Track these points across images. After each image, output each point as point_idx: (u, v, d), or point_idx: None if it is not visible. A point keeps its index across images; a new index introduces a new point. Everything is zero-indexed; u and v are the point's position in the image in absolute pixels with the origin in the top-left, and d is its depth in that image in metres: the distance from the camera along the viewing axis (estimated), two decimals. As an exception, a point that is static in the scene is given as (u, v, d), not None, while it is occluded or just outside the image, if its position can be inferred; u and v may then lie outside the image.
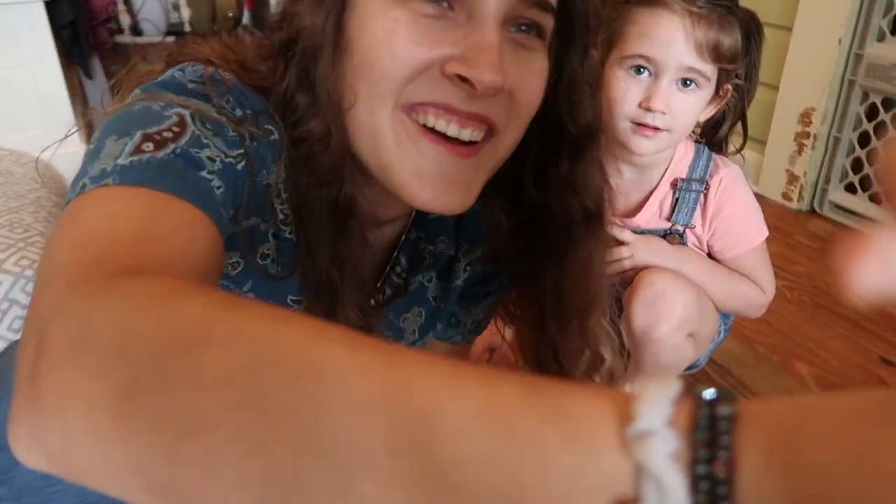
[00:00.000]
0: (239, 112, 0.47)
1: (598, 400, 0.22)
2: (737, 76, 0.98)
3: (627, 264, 1.02)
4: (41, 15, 1.76)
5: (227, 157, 0.44)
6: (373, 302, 0.62)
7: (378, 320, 0.60)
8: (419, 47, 0.45)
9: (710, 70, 0.91)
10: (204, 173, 0.42)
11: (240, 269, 0.52)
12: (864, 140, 1.74)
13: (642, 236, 1.03)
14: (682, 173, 1.02)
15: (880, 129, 1.69)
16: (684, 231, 1.03)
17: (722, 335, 1.15)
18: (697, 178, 1.01)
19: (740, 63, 0.95)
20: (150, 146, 0.41)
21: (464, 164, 0.47)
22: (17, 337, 0.93)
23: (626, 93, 0.93)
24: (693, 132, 1.07)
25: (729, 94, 0.98)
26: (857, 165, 1.76)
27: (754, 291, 1.05)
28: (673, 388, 0.22)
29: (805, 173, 1.83)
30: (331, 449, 0.22)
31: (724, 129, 1.04)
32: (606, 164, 1.03)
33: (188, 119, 0.44)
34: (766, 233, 1.03)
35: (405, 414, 0.22)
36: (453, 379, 0.23)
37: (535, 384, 0.23)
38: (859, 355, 1.31)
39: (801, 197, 1.86)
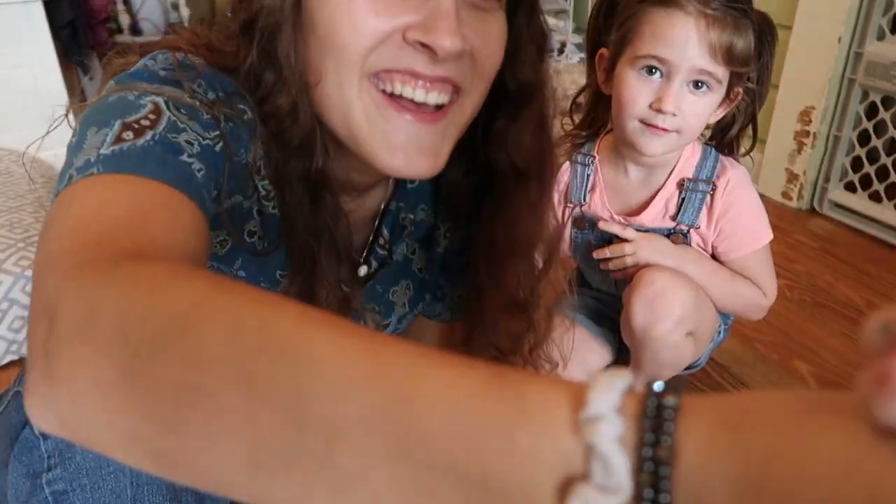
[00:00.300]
0: (211, 95, 0.49)
1: (554, 387, 0.25)
2: (748, 79, 0.98)
3: (630, 262, 1.02)
4: (40, 14, 1.76)
5: (204, 139, 0.46)
6: (362, 273, 0.64)
7: (359, 292, 0.61)
8: (379, 17, 0.46)
9: (722, 73, 0.91)
10: (184, 157, 0.43)
11: (227, 247, 0.53)
12: (863, 139, 1.74)
13: (646, 234, 1.03)
14: (689, 173, 1.02)
15: (880, 127, 1.69)
16: (688, 231, 1.03)
17: (722, 335, 1.15)
18: (704, 178, 1.01)
19: (753, 66, 0.95)
20: (129, 135, 0.42)
21: (432, 131, 0.49)
22: (18, 336, 0.93)
23: (637, 93, 0.93)
24: (702, 134, 1.07)
25: (739, 97, 0.98)
26: (856, 164, 1.76)
27: (755, 294, 1.04)
28: (624, 379, 0.24)
29: (805, 172, 1.83)
30: (312, 423, 0.25)
31: (734, 131, 1.03)
32: (614, 164, 1.04)
33: (163, 106, 0.45)
34: (770, 235, 1.03)
35: (380, 394, 0.25)
36: (425, 363, 0.26)
37: (499, 372, 0.25)
38: (859, 354, 1.31)
39: (800, 196, 1.86)
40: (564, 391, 0.24)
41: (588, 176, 1.07)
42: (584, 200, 1.07)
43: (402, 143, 0.48)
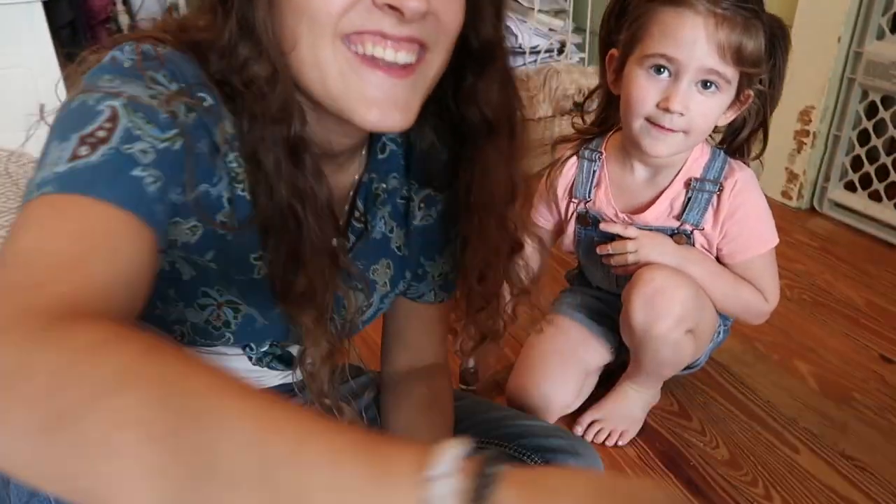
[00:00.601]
0: (174, 86, 0.51)
1: (407, 451, 0.32)
2: (760, 82, 0.97)
3: (631, 259, 1.02)
4: (40, 15, 1.76)
5: (161, 142, 0.48)
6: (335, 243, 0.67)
7: (347, 262, 0.64)
8: None
9: (731, 73, 0.91)
10: (136, 171, 0.46)
11: (199, 234, 0.56)
12: (863, 138, 1.74)
13: (649, 233, 1.03)
14: (697, 173, 1.01)
15: (880, 127, 1.69)
16: (692, 232, 1.02)
17: (721, 336, 1.15)
18: (712, 179, 1.01)
19: (763, 68, 0.95)
20: (84, 150, 0.45)
21: (402, 85, 0.52)
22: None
23: (645, 92, 0.93)
24: (712, 137, 1.06)
25: (750, 100, 0.98)
26: (856, 164, 1.76)
27: (757, 299, 1.04)
28: (464, 447, 0.31)
29: (805, 171, 1.83)
30: (214, 478, 0.31)
31: (745, 134, 1.03)
32: (621, 161, 1.04)
33: (120, 111, 0.47)
34: (776, 240, 1.03)
35: (268, 454, 0.31)
36: (307, 428, 0.32)
37: (368, 438, 0.32)
38: (859, 353, 1.31)
39: (800, 195, 1.86)
40: (417, 454, 0.31)
41: (594, 172, 1.07)
42: (589, 197, 1.07)
43: (376, 97, 0.51)
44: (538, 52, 2.31)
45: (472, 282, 0.71)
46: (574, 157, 1.09)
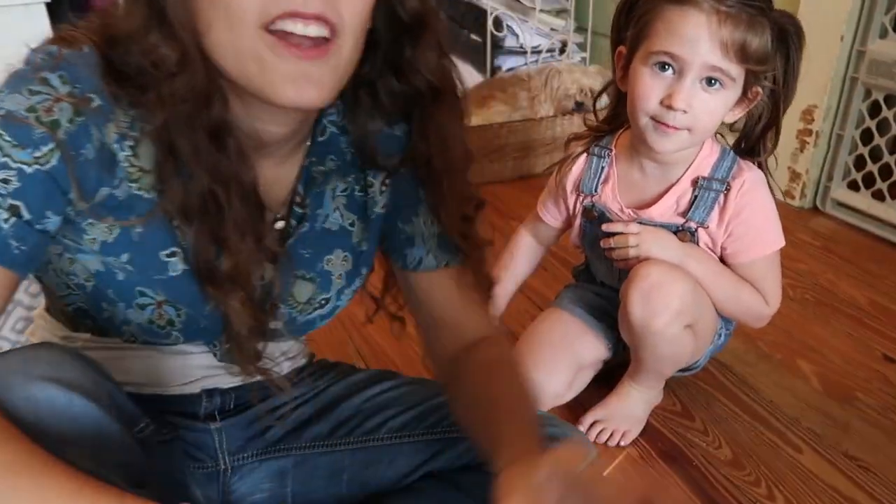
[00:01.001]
0: (66, 88, 0.53)
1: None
2: (774, 80, 0.97)
3: (633, 253, 1.02)
4: (42, 16, 1.77)
5: (30, 166, 0.52)
6: (279, 227, 0.68)
7: (275, 238, 0.65)
8: None
9: (735, 70, 0.91)
10: None
11: (116, 233, 0.59)
12: (866, 137, 1.73)
13: (651, 228, 1.03)
14: (705, 172, 1.01)
15: (883, 126, 1.69)
16: (696, 230, 1.02)
17: (722, 339, 1.14)
18: (720, 178, 1.01)
19: (771, 65, 0.94)
20: None
21: (316, 64, 0.54)
22: (21, 338, 0.93)
23: (648, 89, 0.93)
24: (723, 135, 1.06)
25: (759, 98, 0.97)
26: (859, 163, 1.76)
27: (757, 301, 1.04)
28: None
29: (807, 171, 1.83)
30: None
31: (756, 133, 1.02)
32: (629, 158, 1.04)
33: None
34: (782, 242, 1.02)
35: None
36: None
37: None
38: (862, 353, 1.31)
39: (803, 194, 1.86)
40: None
41: (603, 168, 1.07)
42: (596, 191, 1.08)
43: (290, 73, 0.53)
44: (539, 52, 2.31)
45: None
46: (584, 154, 1.10)
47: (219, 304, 0.61)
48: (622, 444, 1.10)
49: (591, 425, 1.12)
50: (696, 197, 1.01)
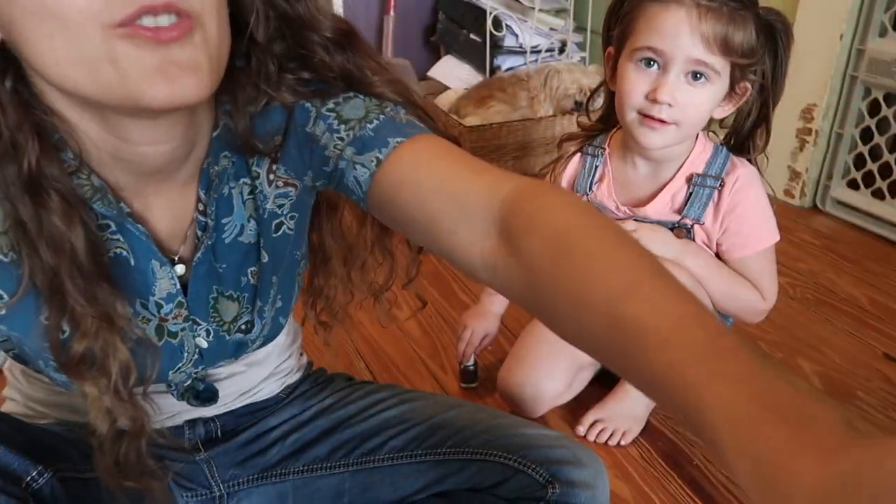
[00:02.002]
0: None
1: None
2: (763, 75, 0.97)
3: None
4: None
5: None
6: (180, 271, 0.61)
7: (123, 306, 0.55)
8: None
9: (719, 63, 0.91)
10: None
11: None
12: (866, 136, 1.73)
13: (647, 225, 1.03)
14: (699, 169, 1.02)
15: (883, 124, 1.69)
16: (692, 226, 1.02)
17: None
18: (713, 174, 1.01)
19: (758, 60, 0.95)
20: None
21: (181, 44, 0.45)
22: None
23: (634, 84, 0.94)
24: (715, 133, 1.06)
25: (748, 93, 0.98)
26: (859, 161, 1.76)
27: (754, 296, 1.04)
28: None
29: (807, 170, 1.82)
30: None
31: (747, 128, 1.03)
32: (623, 157, 1.04)
33: None
34: (777, 237, 1.03)
35: None
36: None
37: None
38: (863, 352, 1.31)
39: (803, 193, 1.85)
40: None
41: (597, 167, 1.08)
42: (591, 191, 1.08)
43: (156, 63, 0.45)
44: (539, 52, 2.31)
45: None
46: (578, 154, 1.10)
47: (78, 390, 0.55)
48: (622, 443, 1.10)
49: (592, 425, 1.12)
50: (690, 194, 1.02)
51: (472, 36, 2.36)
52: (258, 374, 0.76)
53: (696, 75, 0.92)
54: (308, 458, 0.78)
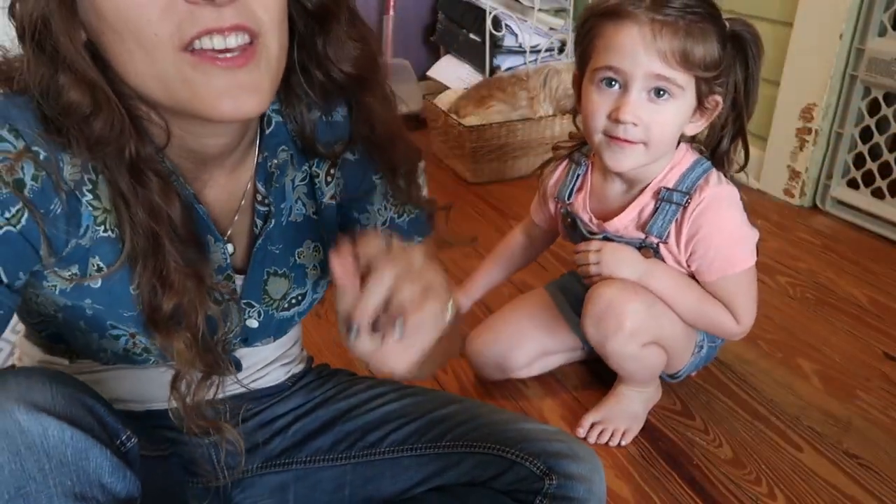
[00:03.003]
0: (20, 143, 0.51)
1: None
2: (735, 88, 0.95)
3: (593, 270, 1.02)
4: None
5: (2, 227, 0.51)
6: (230, 250, 0.67)
7: (214, 282, 0.63)
8: None
9: (682, 78, 0.89)
10: None
11: (74, 284, 0.58)
12: (866, 135, 1.73)
13: (612, 245, 1.02)
14: (671, 183, 0.98)
15: (882, 123, 1.69)
16: (658, 245, 1.00)
17: (705, 351, 1.13)
18: (683, 189, 0.98)
19: (725, 72, 0.92)
20: None
21: (246, 70, 0.52)
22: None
23: (596, 106, 0.92)
24: (694, 148, 1.04)
25: (719, 108, 0.95)
26: (859, 161, 1.76)
27: (725, 319, 1.01)
28: None
29: (807, 169, 1.82)
30: None
31: (724, 145, 1.00)
32: (603, 169, 1.04)
33: None
34: (750, 261, 0.99)
35: None
36: None
37: None
38: (862, 351, 1.31)
39: (802, 193, 1.85)
40: None
41: (578, 176, 1.07)
42: (570, 199, 1.07)
43: (223, 87, 0.51)
44: (538, 52, 2.31)
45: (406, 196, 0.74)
46: (566, 160, 1.10)
47: (163, 347, 0.60)
48: (623, 443, 1.10)
49: (592, 426, 1.12)
50: (656, 209, 0.98)
51: (471, 36, 2.36)
52: (266, 355, 0.78)
53: (658, 92, 0.89)
54: (311, 449, 0.79)
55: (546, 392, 1.22)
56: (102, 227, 0.58)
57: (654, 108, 0.90)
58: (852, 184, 1.78)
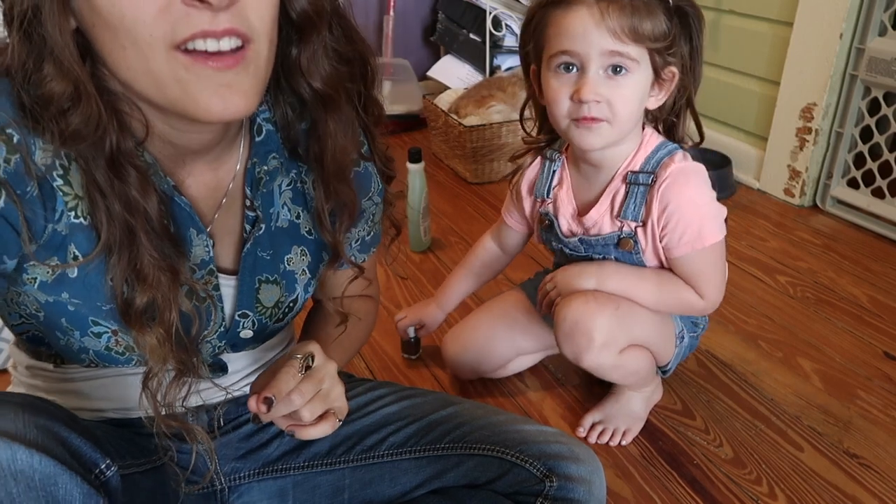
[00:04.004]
0: None
1: None
2: (682, 61, 0.95)
3: (554, 294, 1.05)
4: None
5: None
6: (247, 231, 0.68)
7: (189, 279, 0.63)
8: None
9: (635, 51, 0.89)
10: None
11: (55, 275, 0.58)
12: (866, 135, 1.73)
13: (562, 268, 1.05)
14: (637, 166, 0.99)
15: (882, 123, 1.69)
16: (635, 231, 1.00)
17: (686, 340, 1.12)
18: (648, 170, 0.98)
19: (674, 43, 0.93)
20: None
21: (236, 72, 0.53)
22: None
23: (557, 91, 0.92)
24: (648, 121, 1.04)
25: (676, 78, 0.96)
26: (859, 160, 1.76)
27: (689, 296, 1.01)
28: None
29: (807, 169, 1.82)
30: None
31: (669, 116, 1.01)
32: (575, 163, 1.04)
33: None
34: (719, 236, 0.98)
35: None
36: None
37: None
38: (863, 350, 1.31)
39: (803, 192, 1.85)
40: None
41: (554, 171, 1.07)
42: (548, 196, 1.07)
43: (213, 88, 0.52)
44: (539, 51, 2.30)
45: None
46: (539, 158, 1.10)
47: (137, 342, 0.60)
48: (623, 443, 1.10)
49: (592, 426, 1.12)
50: (627, 193, 0.99)
51: (471, 35, 2.36)
52: (256, 357, 0.78)
53: (615, 69, 0.90)
54: (309, 453, 0.79)
55: (546, 391, 1.22)
56: (73, 213, 0.57)
57: (613, 83, 0.91)
58: (852, 183, 1.78)
